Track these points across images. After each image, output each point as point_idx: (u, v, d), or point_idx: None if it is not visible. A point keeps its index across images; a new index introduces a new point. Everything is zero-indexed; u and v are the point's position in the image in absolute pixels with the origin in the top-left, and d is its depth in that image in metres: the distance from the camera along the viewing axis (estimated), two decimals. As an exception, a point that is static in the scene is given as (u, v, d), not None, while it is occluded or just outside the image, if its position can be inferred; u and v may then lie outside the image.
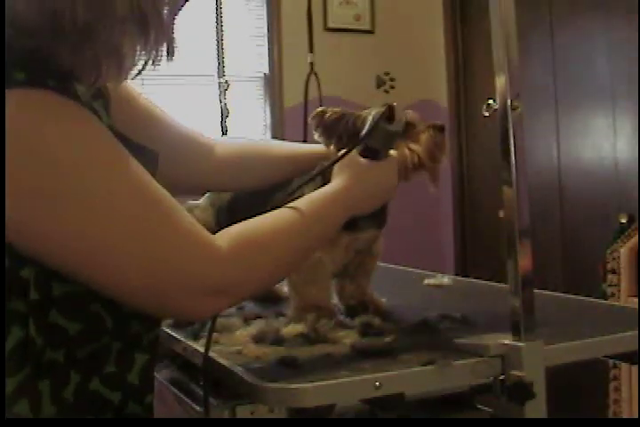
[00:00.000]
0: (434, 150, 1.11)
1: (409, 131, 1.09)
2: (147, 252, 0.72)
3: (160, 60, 0.77)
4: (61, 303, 0.73)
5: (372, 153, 1.02)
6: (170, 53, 0.77)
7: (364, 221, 1.09)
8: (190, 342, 1.01)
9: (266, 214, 0.87)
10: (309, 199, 0.92)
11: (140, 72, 0.77)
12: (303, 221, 0.88)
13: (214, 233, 0.80)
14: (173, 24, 0.77)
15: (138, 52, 0.75)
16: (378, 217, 1.11)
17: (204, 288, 0.76)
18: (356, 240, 1.12)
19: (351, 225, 1.08)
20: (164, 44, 0.76)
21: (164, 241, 0.74)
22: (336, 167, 1.00)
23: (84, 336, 0.75)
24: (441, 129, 1.12)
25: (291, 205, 0.90)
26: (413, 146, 1.10)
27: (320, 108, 1.11)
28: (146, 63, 0.76)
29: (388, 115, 1.02)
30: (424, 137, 1.11)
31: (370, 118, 1.06)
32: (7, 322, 0.70)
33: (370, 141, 1.02)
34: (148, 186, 0.74)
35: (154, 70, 0.78)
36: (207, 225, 0.92)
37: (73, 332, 0.74)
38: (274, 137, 3.50)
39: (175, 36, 0.77)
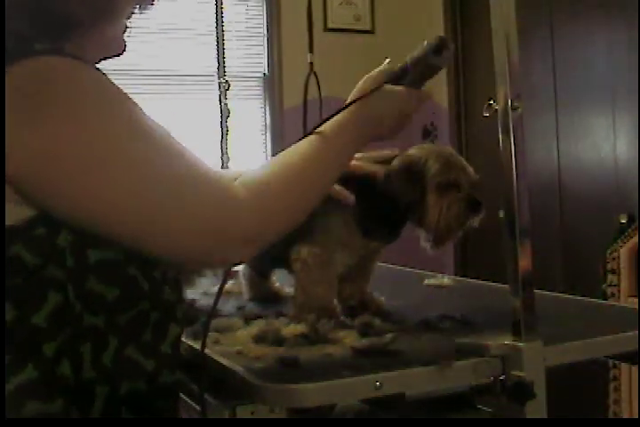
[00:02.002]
0: (454, 224, 1.09)
1: (451, 190, 1.09)
2: (181, 204, 0.75)
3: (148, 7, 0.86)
4: (98, 270, 0.75)
5: (408, 80, 1.01)
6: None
7: (378, 231, 1.12)
8: (190, 342, 1.01)
9: (283, 152, 0.89)
10: (322, 129, 0.92)
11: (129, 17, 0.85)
12: (318, 155, 0.89)
13: None
14: None
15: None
16: (393, 231, 1.14)
17: (238, 235, 0.78)
18: (366, 246, 1.14)
19: (367, 232, 1.10)
20: None
21: (191, 195, 0.76)
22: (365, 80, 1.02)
23: (122, 301, 0.76)
24: (475, 209, 1.10)
25: (309, 138, 0.91)
26: (444, 209, 1.08)
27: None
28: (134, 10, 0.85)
29: (437, 48, 0.99)
30: (455, 207, 1.09)
31: (420, 48, 1.02)
32: (43, 288, 0.72)
33: (413, 71, 1.02)
34: (169, 145, 0.77)
35: (153, 70, 0.81)
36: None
37: (111, 298, 0.75)
38: (273, 137, 3.50)
39: None
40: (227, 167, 2.58)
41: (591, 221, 2.79)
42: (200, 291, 1.37)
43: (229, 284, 1.45)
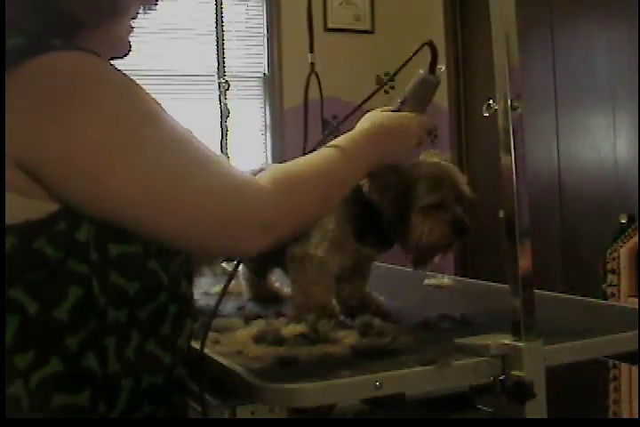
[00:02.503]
0: (435, 247, 1.08)
1: (438, 211, 1.07)
2: (207, 195, 0.77)
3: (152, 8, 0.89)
4: (119, 264, 0.76)
5: (413, 108, 1.07)
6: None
7: (370, 238, 1.12)
8: (191, 342, 1.01)
9: (305, 157, 0.93)
10: (338, 142, 0.96)
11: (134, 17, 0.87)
12: (336, 163, 0.92)
13: None
14: None
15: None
16: (384, 240, 1.13)
17: (257, 223, 0.79)
18: (360, 251, 1.14)
19: (360, 237, 1.10)
20: None
21: (221, 184, 0.79)
22: (366, 116, 1.07)
23: (143, 295, 0.77)
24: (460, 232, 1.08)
25: (324, 148, 0.94)
26: (427, 231, 1.06)
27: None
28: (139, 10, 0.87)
29: (432, 66, 1.06)
30: (438, 230, 1.07)
31: (416, 75, 1.09)
32: (65, 282, 0.73)
33: (413, 99, 1.08)
34: (192, 139, 0.80)
35: (153, 69, 0.82)
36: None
37: (132, 291, 0.76)
38: (273, 137, 3.50)
39: None
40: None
41: (591, 221, 2.79)
42: (200, 291, 1.37)
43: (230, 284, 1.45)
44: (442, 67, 1.07)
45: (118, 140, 0.73)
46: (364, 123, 1.04)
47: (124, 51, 0.90)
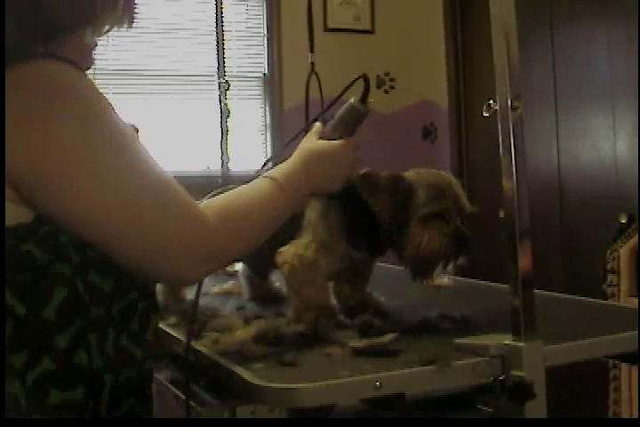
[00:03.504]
0: (432, 258, 1.06)
1: (437, 222, 1.05)
2: (149, 221, 0.79)
3: (122, 25, 0.89)
4: (97, 264, 0.79)
5: (343, 132, 1.08)
6: (130, 21, 0.90)
7: (361, 243, 1.11)
8: (190, 342, 1.01)
9: (241, 187, 0.96)
10: (274, 173, 0.99)
11: (106, 33, 0.89)
12: (272, 194, 0.96)
13: None
14: None
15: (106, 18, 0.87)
16: (375, 247, 1.12)
17: (200, 256, 0.83)
18: (351, 255, 1.13)
19: (350, 241, 1.10)
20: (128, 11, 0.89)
21: (165, 213, 0.81)
22: (301, 144, 1.08)
23: (116, 292, 0.81)
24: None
25: (261, 178, 0.98)
26: (425, 242, 1.05)
27: (364, 171, 1.10)
28: (110, 28, 0.88)
29: (364, 97, 1.08)
30: (436, 241, 1.05)
31: (348, 103, 1.09)
32: (51, 283, 0.76)
33: (342, 125, 1.08)
34: (150, 162, 0.82)
35: (153, 69, 0.83)
36: None
37: (108, 289, 0.80)
38: (273, 137, 3.50)
39: (136, 4, 0.90)
40: (227, 167, 2.58)
41: (591, 221, 2.79)
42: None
43: (229, 284, 1.45)
44: (372, 100, 1.10)
45: (81, 163, 0.75)
46: (300, 152, 1.05)
47: (90, 63, 0.92)
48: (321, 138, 1.07)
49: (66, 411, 0.76)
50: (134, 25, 0.91)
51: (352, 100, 1.08)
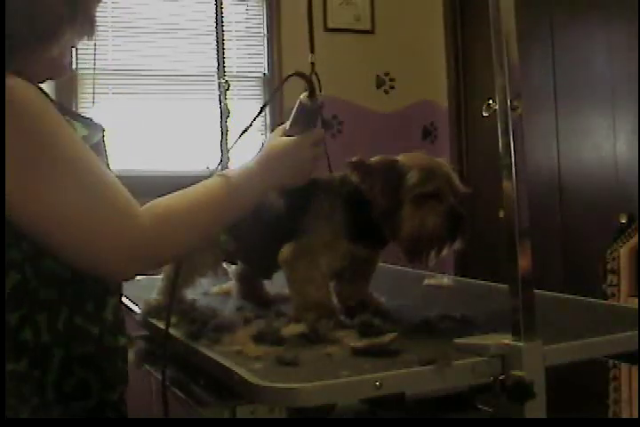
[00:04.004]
0: (429, 238, 1.05)
1: (431, 202, 1.04)
2: (84, 217, 0.85)
3: (83, 38, 0.97)
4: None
5: (301, 125, 1.08)
6: (91, 34, 0.97)
7: (364, 237, 1.11)
8: (190, 342, 1.01)
9: (191, 188, 0.98)
10: (228, 171, 1.03)
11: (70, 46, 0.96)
12: (219, 194, 0.98)
13: None
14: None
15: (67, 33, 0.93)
16: (376, 240, 1.12)
17: (124, 251, 0.87)
18: (352, 252, 1.13)
19: (352, 238, 1.09)
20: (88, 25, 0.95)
21: (100, 211, 0.86)
22: (266, 142, 1.11)
23: (73, 277, 0.92)
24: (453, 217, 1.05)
25: (214, 177, 1.00)
26: (419, 222, 1.04)
27: (354, 158, 1.10)
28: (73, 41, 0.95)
29: (310, 93, 1.07)
30: (431, 220, 1.04)
31: (296, 105, 1.09)
32: (7, 268, 0.88)
33: (298, 123, 1.09)
34: (93, 165, 0.87)
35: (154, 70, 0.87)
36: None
37: (66, 275, 0.92)
38: (274, 137, 3.49)
39: (96, 18, 0.97)
40: (227, 167, 2.57)
41: (591, 221, 2.79)
42: (200, 291, 1.37)
43: (229, 284, 1.45)
44: (321, 93, 1.09)
45: (34, 167, 0.83)
46: (262, 150, 1.08)
47: (60, 73, 0.98)
48: (283, 136, 1.09)
49: (13, 379, 0.87)
50: (94, 37, 0.97)
51: (302, 96, 1.08)
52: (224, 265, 1.39)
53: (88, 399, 0.95)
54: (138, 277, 0.93)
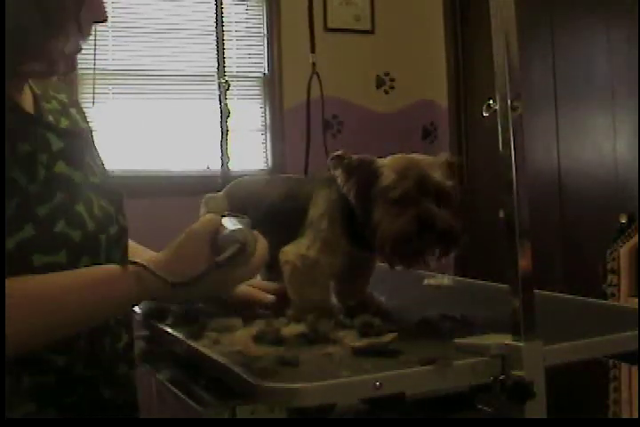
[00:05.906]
0: (396, 242, 1.02)
1: (404, 204, 1.01)
2: None
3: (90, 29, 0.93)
4: (41, 272, 0.86)
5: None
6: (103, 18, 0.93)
7: (361, 239, 1.09)
8: (190, 342, 1.01)
9: (49, 279, 0.86)
10: (98, 277, 0.88)
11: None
12: (110, 280, 0.88)
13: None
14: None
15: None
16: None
17: None
18: (352, 253, 1.12)
19: (352, 240, 1.09)
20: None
21: None
22: None
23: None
24: None
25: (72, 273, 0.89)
26: (387, 226, 1.01)
27: (338, 152, 1.07)
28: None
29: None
30: (397, 223, 1.01)
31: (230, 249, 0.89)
32: None
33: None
34: None
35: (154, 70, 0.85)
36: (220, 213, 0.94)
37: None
38: (273, 137, 3.50)
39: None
40: (227, 167, 2.57)
41: (591, 221, 2.79)
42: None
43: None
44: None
45: None
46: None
47: (67, 69, 0.93)
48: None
49: (48, 271, 0.85)
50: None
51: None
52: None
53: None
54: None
